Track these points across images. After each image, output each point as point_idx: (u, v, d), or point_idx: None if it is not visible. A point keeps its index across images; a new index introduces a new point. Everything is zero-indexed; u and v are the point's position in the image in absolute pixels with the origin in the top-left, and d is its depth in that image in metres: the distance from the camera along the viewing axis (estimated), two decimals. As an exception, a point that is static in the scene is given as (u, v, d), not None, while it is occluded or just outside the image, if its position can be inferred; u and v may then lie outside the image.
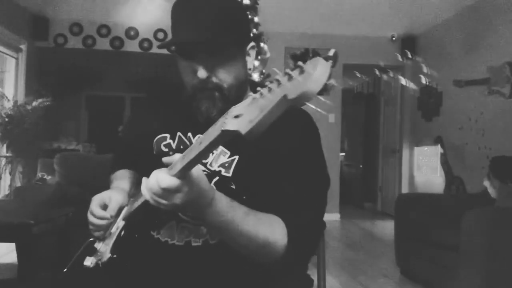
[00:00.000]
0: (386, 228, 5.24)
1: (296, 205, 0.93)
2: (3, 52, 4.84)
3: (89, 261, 0.97)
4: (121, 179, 1.11)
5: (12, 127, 4.32)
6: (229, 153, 0.97)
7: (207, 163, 0.97)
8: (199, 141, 0.67)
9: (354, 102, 7.85)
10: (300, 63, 0.57)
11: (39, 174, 3.77)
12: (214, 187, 0.82)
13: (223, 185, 0.95)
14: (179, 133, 1.02)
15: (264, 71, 3.59)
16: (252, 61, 1.02)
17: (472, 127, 4.50)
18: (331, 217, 5.67)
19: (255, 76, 3.38)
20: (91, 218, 0.97)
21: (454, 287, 2.53)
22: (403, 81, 6.09)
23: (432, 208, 3.17)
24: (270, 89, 0.56)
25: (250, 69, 1.03)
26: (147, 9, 4.80)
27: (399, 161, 6.18)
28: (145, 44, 5.56)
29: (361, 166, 7.46)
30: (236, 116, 0.59)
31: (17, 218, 2.43)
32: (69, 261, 1.00)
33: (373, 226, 5.66)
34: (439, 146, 4.87)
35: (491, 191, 3.05)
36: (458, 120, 4.75)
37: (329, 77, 0.60)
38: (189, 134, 1.02)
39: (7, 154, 4.46)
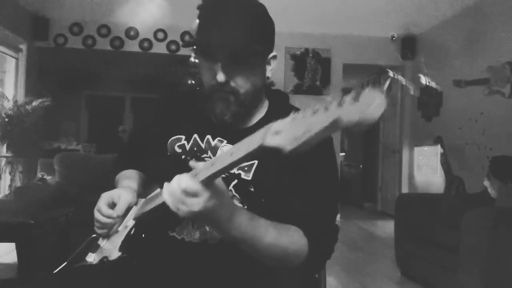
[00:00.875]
0: (386, 228, 5.24)
1: (314, 212, 0.94)
2: (3, 52, 4.84)
3: (91, 258, 0.96)
4: (129, 179, 1.10)
5: (12, 127, 4.32)
6: None
7: None
8: (230, 152, 0.67)
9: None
10: (353, 92, 0.57)
11: (39, 174, 3.77)
12: (236, 204, 0.83)
13: (242, 188, 0.96)
14: (195, 135, 1.02)
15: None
16: (271, 70, 1.03)
17: (472, 127, 4.50)
18: (331, 217, 5.66)
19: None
20: (97, 215, 0.96)
21: (454, 287, 2.53)
22: (403, 81, 6.10)
23: (432, 208, 3.17)
24: (315, 112, 0.56)
25: (268, 78, 1.03)
26: (147, 9, 4.81)
27: (399, 161, 6.18)
28: (145, 44, 5.56)
29: (361, 166, 7.46)
30: (277, 132, 0.59)
31: (17, 218, 2.43)
32: (75, 255, 0.99)
33: (373, 226, 5.66)
34: (439, 146, 4.87)
35: (491, 191, 3.05)
36: (458, 120, 4.74)
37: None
38: (208, 136, 1.01)
39: (7, 154, 4.46)
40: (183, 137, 1.03)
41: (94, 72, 5.53)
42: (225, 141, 1.00)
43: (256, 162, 0.97)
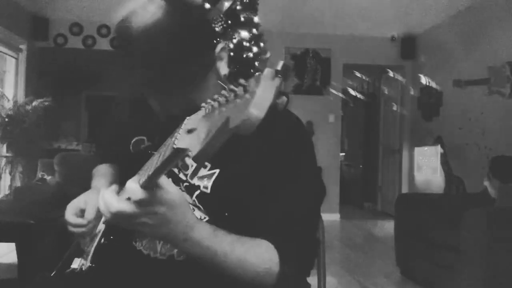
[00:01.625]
0: (386, 228, 5.23)
1: (286, 226, 0.83)
2: (3, 52, 4.84)
3: (76, 263, 0.93)
4: (101, 176, 1.07)
5: (12, 127, 4.32)
6: (209, 165, 0.88)
7: (187, 174, 0.89)
8: (158, 153, 0.62)
9: (354, 102, 7.85)
10: (242, 81, 0.49)
11: (39, 174, 3.77)
12: (195, 216, 0.75)
13: (204, 199, 0.87)
14: (157, 137, 0.94)
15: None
16: (225, 65, 0.90)
17: (472, 127, 4.50)
18: (331, 217, 5.66)
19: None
20: (69, 228, 0.93)
21: (454, 287, 2.53)
22: (403, 81, 6.10)
23: (432, 208, 3.17)
24: (218, 104, 0.50)
25: (225, 75, 0.89)
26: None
27: (399, 161, 6.18)
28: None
29: (361, 166, 7.46)
30: (190, 131, 0.54)
31: (17, 218, 2.43)
32: (62, 262, 0.97)
33: (373, 226, 5.66)
34: (439, 146, 4.87)
35: (491, 191, 3.05)
36: (458, 120, 4.74)
37: (279, 95, 0.47)
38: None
39: (7, 154, 4.45)
40: (145, 138, 0.98)
41: (94, 72, 5.53)
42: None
43: (217, 171, 0.87)
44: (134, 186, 0.66)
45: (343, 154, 7.94)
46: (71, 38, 5.48)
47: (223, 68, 0.89)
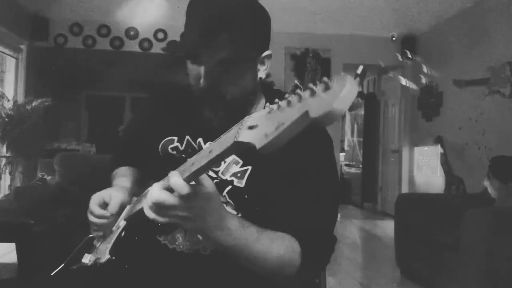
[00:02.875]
0: (386, 228, 5.24)
1: (310, 221, 0.90)
2: (3, 52, 4.84)
3: (87, 259, 0.94)
4: (123, 177, 1.08)
5: (12, 127, 4.32)
6: (241, 162, 0.93)
7: (218, 171, 0.94)
8: (209, 149, 0.64)
9: (354, 102, 7.85)
10: (325, 79, 0.53)
11: (39, 174, 3.77)
12: (226, 210, 0.80)
13: (235, 195, 0.92)
14: (187, 137, 0.99)
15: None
16: (265, 70, 0.95)
17: (472, 127, 4.50)
18: (331, 217, 5.66)
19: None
20: (90, 217, 0.94)
21: (454, 287, 2.53)
22: (403, 81, 6.09)
23: (432, 208, 3.17)
24: (289, 103, 0.53)
25: (261, 78, 0.95)
26: (147, 9, 4.80)
27: (399, 161, 6.18)
28: (145, 44, 5.56)
29: (361, 166, 7.46)
30: (251, 127, 0.56)
31: (17, 218, 2.43)
32: (71, 256, 0.97)
33: (373, 226, 5.66)
34: (439, 146, 4.87)
35: (491, 191, 3.05)
36: (458, 120, 4.74)
37: (357, 96, 0.53)
38: (199, 139, 0.98)
39: (7, 154, 4.45)
40: (176, 138, 1.00)
41: (94, 72, 5.53)
42: None
43: (250, 168, 0.92)
44: (179, 181, 0.68)
45: (343, 154, 7.95)
46: (71, 38, 5.48)
47: (262, 72, 0.95)
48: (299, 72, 5.82)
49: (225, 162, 0.93)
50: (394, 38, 5.81)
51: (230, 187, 0.92)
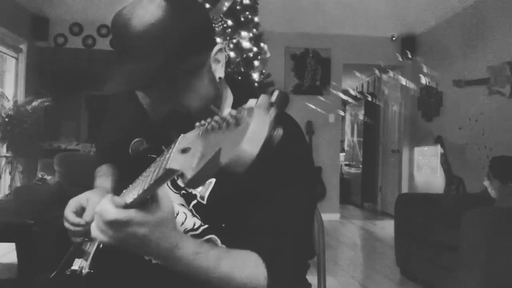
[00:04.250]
0: (386, 228, 5.24)
1: (275, 239, 0.82)
2: (3, 52, 4.84)
3: (77, 264, 0.91)
4: (104, 176, 1.06)
5: (12, 127, 4.32)
6: None
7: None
8: (151, 170, 0.61)
9: (354, 102, 7.86)
10: (233, 112, 0.45)
11: (39, 174, 3.77)
12: (179, 233, 0.74)
13: (200, 210, 0.87)
14: (163, 147, 0.90)
15: (264, 71, 3.59)
16: (222, 67, 0.86)
17: (472, 127, 4.50)
18: (331, 217, 5.67)
19: (255, 76, 3.38)
20: (66, 224, 0.91)
21: (454, 287, 2.53)
22: (403, 81, 6.10)
23: (432, 208, 3.17)
24: (212, 128, 0.47)
25: (220, 78, 0.86)
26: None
27: (399, 161, 6.18)
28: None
29: (361, 166, 7.46)
30: (184, 150, 0.51)
31: (17, 218, 2.43)
32: (63, 263, 0.95)
33: (373, 226, 5.66)
34: (439, 146, 4.87)
35: (491, 191, 3.05)
36: (458, 120, 4.75)
37: (273, 127, 0.45)
38: (163, 147, 0.90)
39: (7, 154, 4.46)
40: (144, 140, 0.96)
41: (94, 72, 5.53)
42: None
43: (213, 181, 0.85)
44: (107, 207, 0.65)
45: (343, 154, 7.95)
46: (71, 38, 5.48)
47: (219, 71, 0.86)
48: (299, 72, 5.82)
49: None
50: (394, 38, 5.82)
51: (195, 201, 0.87)
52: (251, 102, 0.46)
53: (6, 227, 2.43)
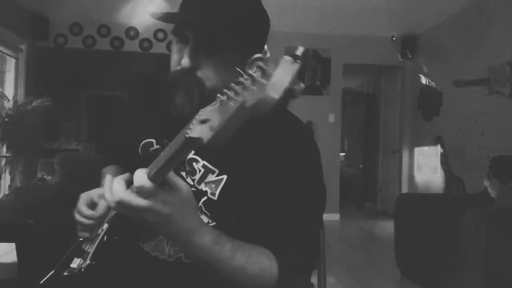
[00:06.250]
0: (386, 228, 5.24)
1: (286, 234, 0.83)
2: (3, 52, 4.84)
3: (76, 263, 0.91)
4: (112, 176, 1.07)
5: (12, 127, 4.32)
6: (217, 171, 0.87)
7: (194, 180, 0.89)
8: (168, 148, 0.62)
9: (354, 102, 7.85)
10: (260, 63, 0.49)
11: (39, 174, 3.77)
12: (200, 220, 0.74)
13: (210, 206, 0.87)
14: (165, 141, 0.93)
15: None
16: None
17: (472, 127, 4.50)
18: (331, 217, 5.67)
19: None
20: (78, 217, 0.92)
21: (454, 287, 2.53)
22: (403, 81, 6.09)
23: (432, 208, 3.17)
24: (234, 93, 0.50)
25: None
26: (147, 9, 4.81)
27: (399, 161, 6.18)
28: (145, 44, 5.56)
29: (361, 166, 7.46)
30: (203, 121, 0.54)
31: (17, 218, 2.43)
32: (62, 261, 0.95)
33: (373, 226, 5.66)
34: (439, 146, 4.87)
35: (491, 191, 3.05)
36: (458, 120, 4.74)
37: (295, 80, 0.53)
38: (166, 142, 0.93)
39: (7, 154, 4.46)
40: (154, 141, 0.96)
41: (94, 72, 5.53)
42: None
43: (224, 178, 0.86)
44: (142, 175, 0.64)
45: (343, 154, 7.95)
46: (71, 38, 5.48)
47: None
48: (299, 72, 5.81)
49: (200, 170, 0.89)
50: (394, 38, 5.81)
51: (205, 197, 0.87)
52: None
53: (6, 227, 2.43)
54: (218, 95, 0.54)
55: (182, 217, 0.68)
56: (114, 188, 0.67)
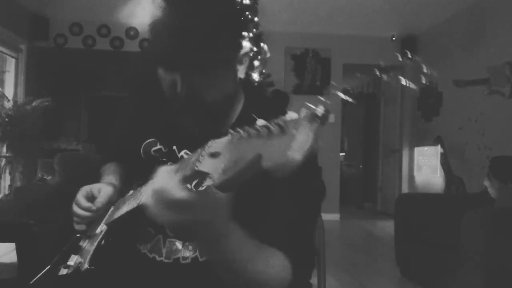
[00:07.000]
0: (386, 228, 5.23)
1: (296, 234, 0.84)
2: (3, 52, 4.84)
3: (73, 261, 0.91)
4: (112, 174, 1.06)
5: (12, 127, 4.32)
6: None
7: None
8: (187, 160, 0.60)
9: (354, 102, 7.85)
10: (279, 121, 0.46)
11: (39, 174, 3.77)
12: (231, 222, 0.71)
13: None
14: (174, 147, 0.95)
15: (264, 71, 3.59)
16: (244, 69, 0.89)
17: (472, 127, 4.50)
18: (331, 217, 5.67)
19: (255, 76, 3.38)
20: (75, 209, 0.92)
21: (454, 287, 2.53)
22: (403, 81, 6.09)
23: (432, 208, 3.17)
24: (248, 135, 0.48)
25: (240, 79, 0.89)
26: (147, 9, 4.80)
27: (399, 161, 6.18)
28: (146, 44, 5.56)
29: (361, 166, 7.46)
30: (213, 155, 0.52)
31: (17, 218, 2.43)
32: (58, 258, 0.95)
33: (373, 226, 5.66)
34: (439, 146, 4.87)
35: (491, 191, 3.05)
36: (458, 120, 4.74)
37: (316, 140, 0.46)
38: (174, 147, 0.94)
39: (7, 154, 4.46)
40: (157, 141, 0.96)
41: (94, 72, 5.53)
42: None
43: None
44: (170, 179, 0.61)
45: (343, 154, 7.94)
46: (71, 38, 5.48)
47: (241, 72, 0.89)
48: (299, 72, 5.82)
49: None
50: (394, 38, 5.81)
51: None
52: (292, 115, 0.48)
53: (6, 227, 2.43)
54: (231, 130, 0.51)
55: (217, 214, 0.64)
56: (164, 175, 0.61)
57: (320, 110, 0.48)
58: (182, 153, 0.92)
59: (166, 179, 0.59)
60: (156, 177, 0.61)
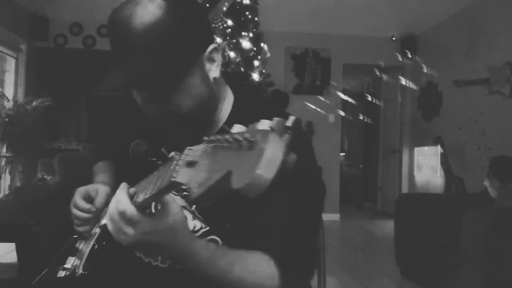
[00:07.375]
0: (386, 228, 5.23)
1: (286, 239, 0.81)
2: (3, 52, 4.84)
3: (70, 263, 0.91)
4: (104, 173, 1.06)
5: (12, 127, 4.32)
6: None
7: None
8: (156, 176, 0.60)
9: (354, 102, 7.85)
10: (247, 135, 0.43)
11: (39, 174, 3.77)
12: (191, 238, 0.72)
13: (204, 211, 0.87)
14: (163, 149, 0.94)
15: (264, 71, 3.59)
16: (217, 67, 0.84)
17: (472, 127, 4.50)
18: (331, 217, 5.67)
19: (255, 76, 3.38)
20: (75, 211, 0.92)
21: (454, 287, 2.53)
22: (403, 81, 6.09)
23: (432, 208, 3.17)
24: (222, 147, 0.46)
25: (215, 78, 0.84)
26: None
27: (399, 161, 6.18)
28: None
29: (361, 166, 7.46)
30: (190, 164, 0.51)
31: (17, 218, 2.43)
32: (55, 260, 0.95)
33: (373, 226, 5.66)
34: (439, 146, 4.87)
35: (491, 191, 3.05)
36: (458, 120, 4.74)
37: (288, 152, 0.43)
38: (163, 149, 0.92)
39: (7, 154, 4.46)
40: (144, 141, 0.97)
41: (94, 72, 5.53)
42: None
43: None
44: (125, 200, 0.65)
45: (343, 154, 7.95)
46: (71, 38, 5.48)
47: (214, 70, 0.84)
48: (299, 72, 5.82)
49: None
50: (394, 38, 5.81)
51: (195, 206, 0.87)
52: (264, 124, 0.45)
53: (6, 227, 2.43)
54: (205, 138, 0.50)
55: (170, 242, 0.68)
56: (117, 200, 0.67)
57: (290, 119, 0.45)
58: (172, 153, 0.91)
59: (122, 203, 0.64)
60: (113, 199, 0.66)
